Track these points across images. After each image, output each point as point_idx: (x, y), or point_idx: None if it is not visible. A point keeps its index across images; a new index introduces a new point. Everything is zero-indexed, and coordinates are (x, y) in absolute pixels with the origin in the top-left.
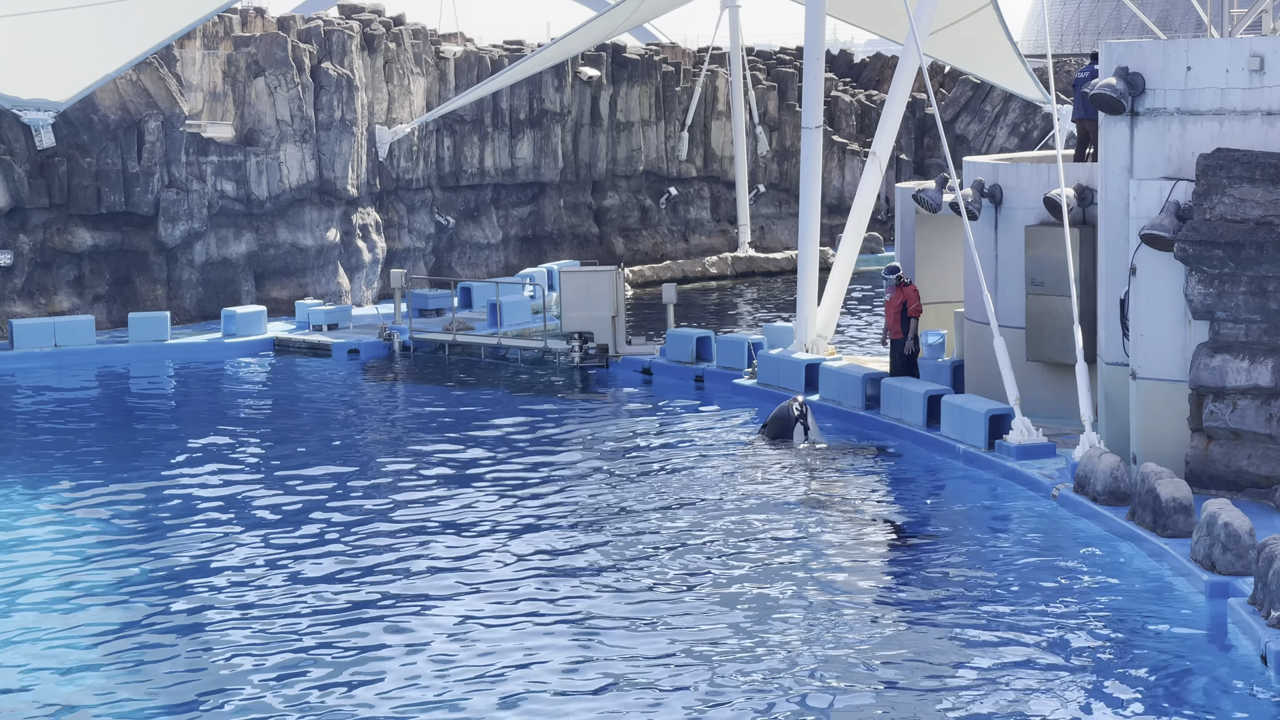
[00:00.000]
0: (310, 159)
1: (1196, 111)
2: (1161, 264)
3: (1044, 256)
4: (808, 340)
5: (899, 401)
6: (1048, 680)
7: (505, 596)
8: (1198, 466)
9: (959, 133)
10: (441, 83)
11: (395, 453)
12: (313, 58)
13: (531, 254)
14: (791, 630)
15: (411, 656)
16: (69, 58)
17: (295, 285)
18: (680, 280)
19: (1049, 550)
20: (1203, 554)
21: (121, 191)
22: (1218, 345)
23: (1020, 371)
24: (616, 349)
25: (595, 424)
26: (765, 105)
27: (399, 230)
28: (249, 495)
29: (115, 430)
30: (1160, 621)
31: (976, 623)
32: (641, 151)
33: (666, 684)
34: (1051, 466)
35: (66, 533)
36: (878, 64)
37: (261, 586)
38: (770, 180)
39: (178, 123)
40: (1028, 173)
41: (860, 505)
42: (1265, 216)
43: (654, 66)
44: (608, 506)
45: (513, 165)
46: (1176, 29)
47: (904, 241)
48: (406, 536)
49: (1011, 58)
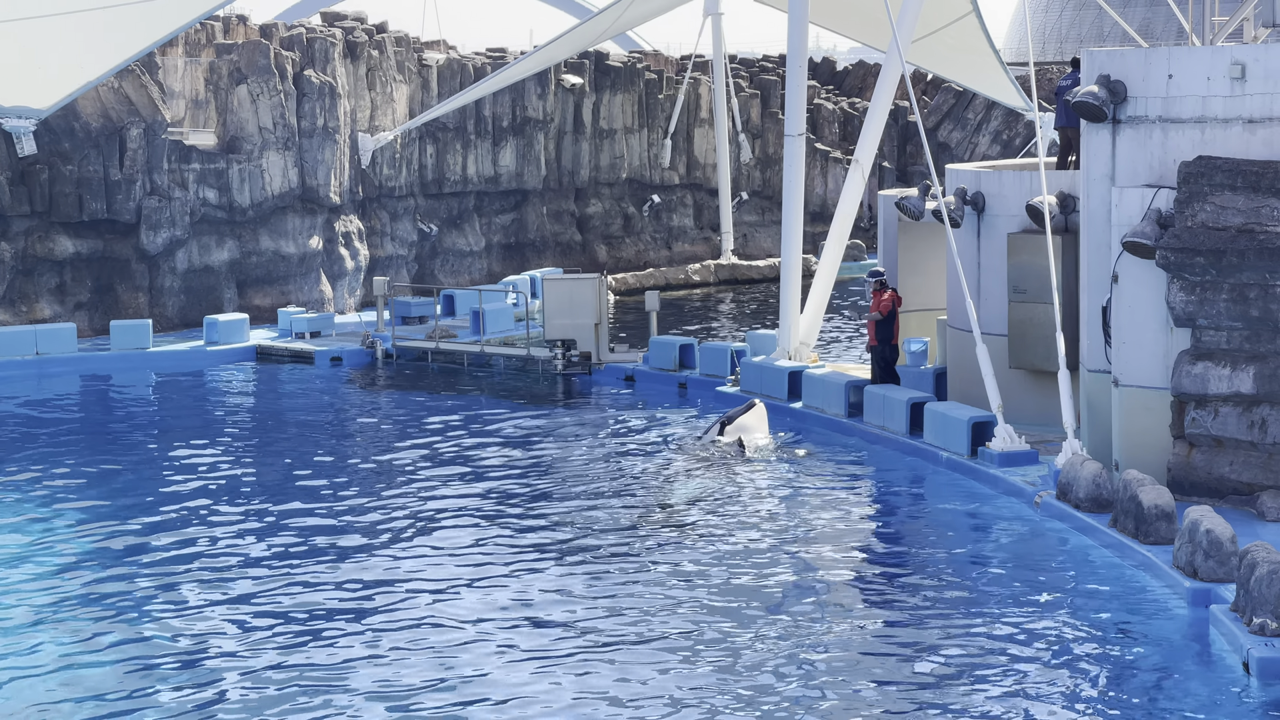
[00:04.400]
0: (293, 166)
1: (1178, 119)
2: (1143, 271)
3: (1026, 264)
4: (791, 348)
5: (881, 409)
6: (1028, 687)
7: (486, 602)
8: (1180, 473)
9: (941, 140)
10: (424, 90)
11: (377, 460)
12: (295, 65)
13: (514, 261)
14: (771, 638)
15: (394, 661)
16: (51, 65)
17: (278, 293)
18: (663, 288)
19: (1031, 557)
20: (1185, 561)
21: (103, 199)
22: (1199, 352)
23: (1003, 379)
24: (599, 356)
25: (578, 432)
26: (748, 113)
27: (382, 238)
28: (230, 503)
29: (96, 438)
30: (1142, 628)
31: (957, 630)
32: (624, 159)
33: (652, 689)
34: (1034, 474)
35: (46, 541)
36: (860, 71)
37: (242, 594)
38: (753, 188)
39: (160, 130)
40: (1010, 180)
41: (841, 513)
42: (1246, 224)
43: (637, 74)
44: (589, 513)
45: (495, 173)
46: (1158, 37)
47: (887, 249)
48: (386, 543)
49: (994, 65)
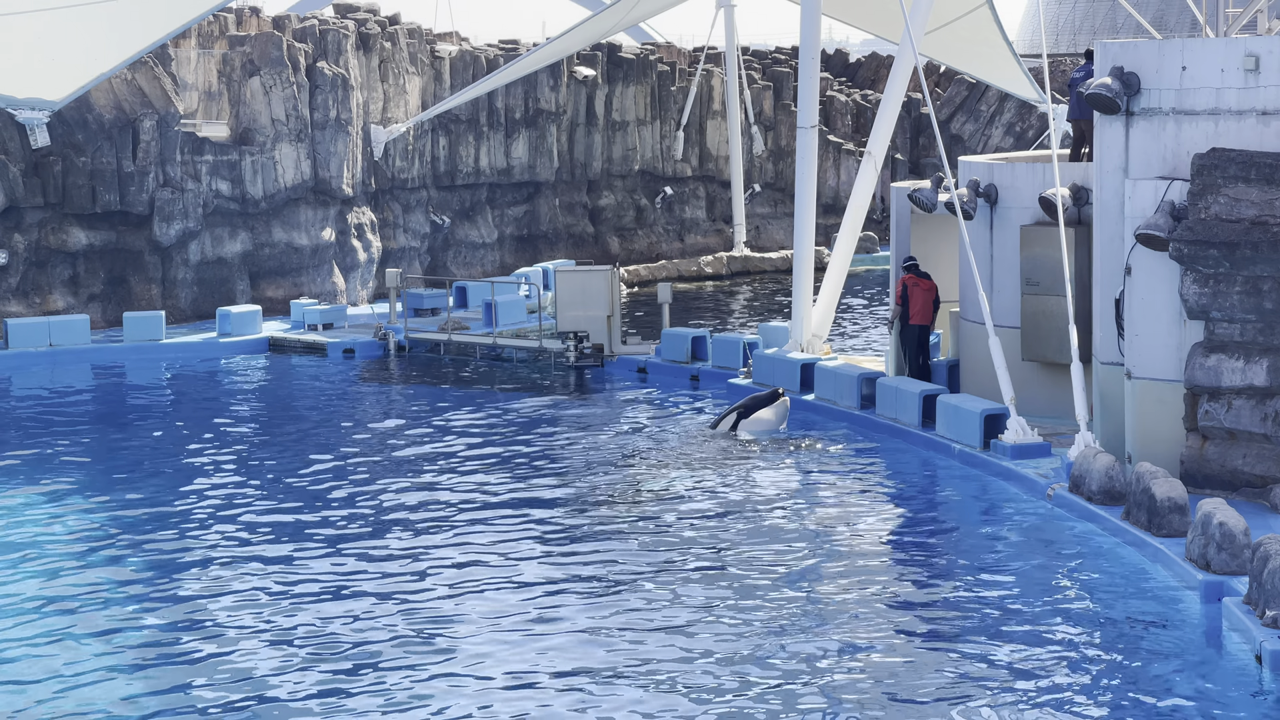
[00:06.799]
0: (305, 158)
1: (1192, 111)
2: (1157, 264)
3: (1039, 256)
4: (803, 340)
5: (894, 401)
6: (1041, 679)
7: (501, 598)
8: (1193, 466)
9: (954, 132)
10: (437, 82)
11: (389, 452)
12: (308, 57)
13: (527, 253)
14: (782, 631)
15: (408, 654)
16: (64, 57)
17: (290, 285)
18: (675, 280)
19: (1043, 550)
20: (1198, 554)
21: (116, 191)
22: (1213, 345)
23: (1015, 371)
24: (612, 348)
25: (590, 424)
26: (760, 105)
27: (394, 230)
28: (244, 495)
29: (110, 430)
30: (1154, 621)
31: (968, 622)
32: (637, 151)
33: (665, 685)
34: (1046, 466)
35: (61, 533)
36: (873, 63)
37: (257, 586)
38: (765, 180)
39: (173, 122)
40: (1023, 172)
41: (853, 505)
42: (1260, 216)
43: (649, 66)
44: (602, 506)
45: (508, 164)
46: (1172, 29)
47: (899, 241)
48: (399, 535)
49: (1007, 57)
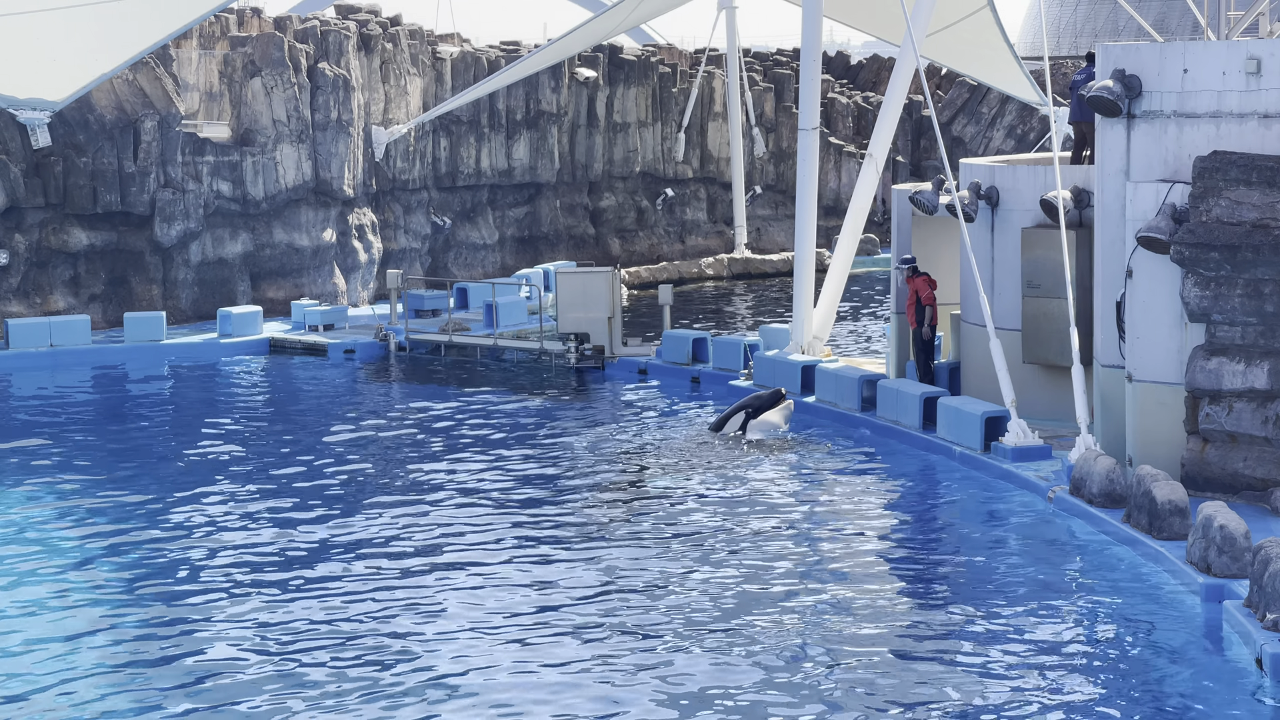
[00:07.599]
0: (306, 159)
1: (1193, 114)
2: (1158, 266)
3: (1040, 259)
4: (804, 342)
5: (895, 403)
6: (1042, 682)
7: (501, 598)
8: (1193, 469)
9: (955, 135)
10: (438, 83)
11: (390, 454)
12: (309, 58)
13: (528, 255)
14: (783, 632)
15: (408, 654)
16: (65, 57)
17: (291, 285)
18: (676, 281)
19: (1044, 552)
20: (1198, 557)
21: (117, 191)
22: (1214, 348)
23: (1016, 374)
24: (613, 350)
25: (591, 426)
26: (762, 107)
27: (395, 231)
28: (244, 495)
29: (111, 430)
30: (1155, 624)
31: (969, 625)
32: (638, 153)
33: (665, 686)
34: (1047, 469)
35: (61, 533)
36: (874, 65)
37: (255, 588)
38: (766, 182)
39: (174, 122)
40: (1024, 175)
41: (854, 507)
42: (1261, 219)
43: (651, 68)
44: (602, 509)
45: (509, 166)
46: (1173, 31)
47: (900, 243)
48: (398, 536)
49: (1008, 60)
